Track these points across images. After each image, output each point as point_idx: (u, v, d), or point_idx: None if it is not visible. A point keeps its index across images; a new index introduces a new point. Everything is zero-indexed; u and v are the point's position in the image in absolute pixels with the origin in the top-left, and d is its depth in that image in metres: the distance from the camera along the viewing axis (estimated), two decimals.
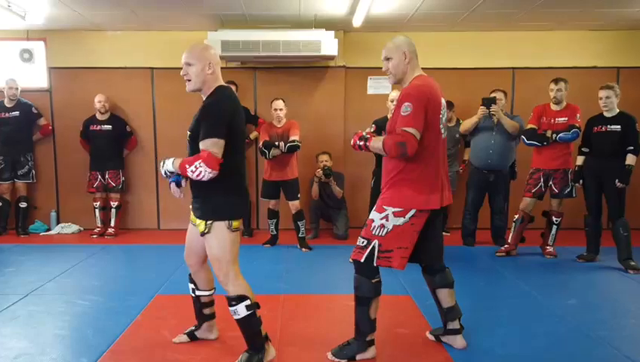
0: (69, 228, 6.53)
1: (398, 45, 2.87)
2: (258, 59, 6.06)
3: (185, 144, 2.79)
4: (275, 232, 5.79)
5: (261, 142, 5.47)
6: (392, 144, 2.74)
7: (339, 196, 6.06)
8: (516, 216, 5.29)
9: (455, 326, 3.10)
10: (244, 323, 2.80)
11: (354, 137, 3.02)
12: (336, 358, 2.95)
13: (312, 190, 6.05)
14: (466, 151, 6.17)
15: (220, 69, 2.78)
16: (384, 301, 3.02)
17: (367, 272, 2.86)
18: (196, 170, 2.55)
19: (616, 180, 4.75)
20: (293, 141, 5.35)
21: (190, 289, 3.13)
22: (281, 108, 5.47)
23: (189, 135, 2.75)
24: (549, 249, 5.30)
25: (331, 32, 5.84)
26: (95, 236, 6.25)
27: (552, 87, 5.06)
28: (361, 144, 2.96)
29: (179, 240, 2.98)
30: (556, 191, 5.13)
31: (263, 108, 6.36)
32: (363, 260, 2.85)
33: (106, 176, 6.29)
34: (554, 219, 5.23)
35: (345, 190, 6.17)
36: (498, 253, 5.33)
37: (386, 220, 2.82)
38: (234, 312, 2.78)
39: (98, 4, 5.36)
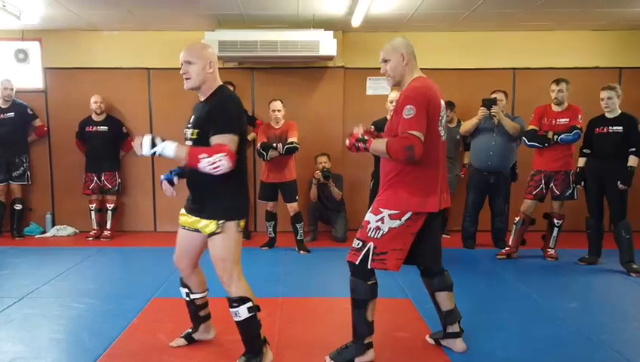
0: (64, 230, 6.50)
1: (395, 47, 2.84)
2: (256, 59, 6.05)
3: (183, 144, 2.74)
4: (273, 235, 5.77)
5: (259, 144, 5.44)
6: (399, 148, 2.68)
7: (338, 198, 6.04)
8: (517, 218, 5.27)
9: (455, 329, 3.08)
10: (244, 326, 2.78)
11: (350, 138, 2.94)
12: None
13: (310, 192, 6.03)
14: (466, 155, 6.13)
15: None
16: (383, 304, 3.01)
17: (362, 274, 2.85)
18: (217, 162, 2.48)
19: (618, 182, 4.73)
20: (291, 142, 5.33)
21: (184, 294, 3.09)
22: (279, 110, 5.46)
23: (194, 133, 2.68)
24: (550, 251, 5.27)
25: (330, 32, 5.83)
26: (91, 238, 6.22)
27: (554, 87, 5.04)
28: (360, 145, 2.88)
29: (176, 242, 2.96)
30: (557, 193, 5.10)
31: (260, 109, 6.32)
32: (358, 262, 2.84)
33: (102, 178, 6.26)
34: (555, 221, 5.20)
35: (344, 192, 6.14)
36: (499, 256, 5.30)
37: (382, 222, 2.79)
38: (235, 314, 2.75)
39: (94, 3, 5.33)
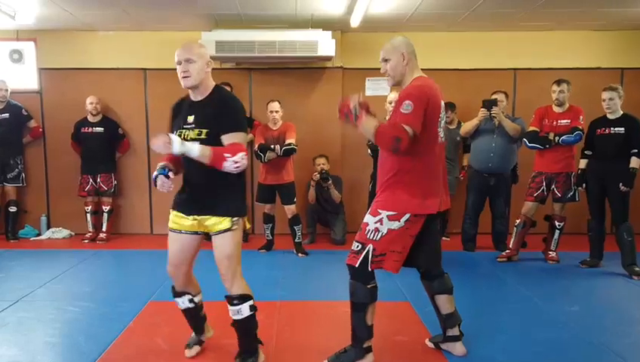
0: (59, 232, 6.46)
1: (395, 46, 2.81)
2: (253, 59, 6.01)
3: None
4: (271, 237, 5.74)
5: (256, 145, 5.40)
6: (388, 136, 2.65)
7: (337, 201, 6.01)
8: (518, 221, 5.24)
9: (455, 332, 3.05)
10: (244, 324, 2.78)
11: (343, 105, 2.77)
12: None
13: (308, 194, 6.00)
14: (465, 157, 6.09)
15: (213, 69, 2.79)
16: (382, 307, 2.98)
17: (362, 277, 2.81)
18: (240, 161, 2.54)
19: (620, 184, 4.70)
20: (289, 144, 5.30)
21: (186, 302, 2.99)
22: (277, 111, 5.42)
23: (202, 133, 2.65)
24: (551, 254, 5.24)
25: (328, 32, 5.80)
26: (86, 241, 6.17)
27: (555, 88, 5.01)
28: (351, 117, 2.74)
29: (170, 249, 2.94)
30: (559, 195, 5.07)
31: (258, 110, 6.27)
32: (358, 265, 2.80)
33: (98, 180, 6.22)
34: (556, 223, 5.17)
35: (342, 194, 6.09)
36: (499, 259, 5.26)
37: (381, 224, 2.76)
38: (237, 312, 2.74)
39: (89, 3, 5.29)
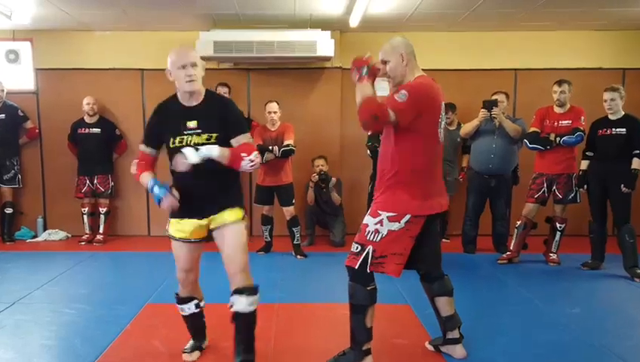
0: (56, 234, 6.44)
1: (394, 47, 2.80)
2: (252, 60, 5.98)
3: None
4: (269, 239, 5.71)
5: (255, 146, 5.35)
6: (369, 110, 2.61)
7: (337, 203, 5.99)
8: (518, 223, 5.22)
9: (455, 335, 3.04)
10: (251, 318, 2.75)
11: (359, 60, 2.75)
12: None
13: (307, 195, 5.97)
14: (464, 158, 6.05)
15: (212, 70, 2.88)
16: (382, 310, 2.96)
17: (361, 279, 2.78)
18: (255, 159, 2.65)
19: (622, 185, 4.67)
20: (287, 145, 5.28)
21: (193, 307, 2.99)
22: (276, 111, 5.39)
23: (212, 137, 2.67)
24: (552, 256, 5.21)
25: (327, 33, 5.77)
26: (83, 243, 6.15)
27: (556, 89, 4.99)
28: (360, 74, 2.72)
29: (170, 247, 2.93)
30: (560, 197, 5.04)
31: (256, 111, 6.24)
32: (357, 267, 2.78)
33: (95, 181, 6.19)
34: (557, 225, 5.15)
35: (342, 195, 6.05)
36: (500, 261, 5.24)
37: (381, 225, 2.74)
38: (251, 303, 2.72)
39: (86, 3, 5.27)
